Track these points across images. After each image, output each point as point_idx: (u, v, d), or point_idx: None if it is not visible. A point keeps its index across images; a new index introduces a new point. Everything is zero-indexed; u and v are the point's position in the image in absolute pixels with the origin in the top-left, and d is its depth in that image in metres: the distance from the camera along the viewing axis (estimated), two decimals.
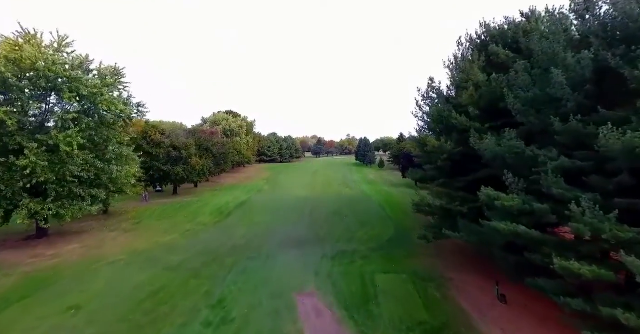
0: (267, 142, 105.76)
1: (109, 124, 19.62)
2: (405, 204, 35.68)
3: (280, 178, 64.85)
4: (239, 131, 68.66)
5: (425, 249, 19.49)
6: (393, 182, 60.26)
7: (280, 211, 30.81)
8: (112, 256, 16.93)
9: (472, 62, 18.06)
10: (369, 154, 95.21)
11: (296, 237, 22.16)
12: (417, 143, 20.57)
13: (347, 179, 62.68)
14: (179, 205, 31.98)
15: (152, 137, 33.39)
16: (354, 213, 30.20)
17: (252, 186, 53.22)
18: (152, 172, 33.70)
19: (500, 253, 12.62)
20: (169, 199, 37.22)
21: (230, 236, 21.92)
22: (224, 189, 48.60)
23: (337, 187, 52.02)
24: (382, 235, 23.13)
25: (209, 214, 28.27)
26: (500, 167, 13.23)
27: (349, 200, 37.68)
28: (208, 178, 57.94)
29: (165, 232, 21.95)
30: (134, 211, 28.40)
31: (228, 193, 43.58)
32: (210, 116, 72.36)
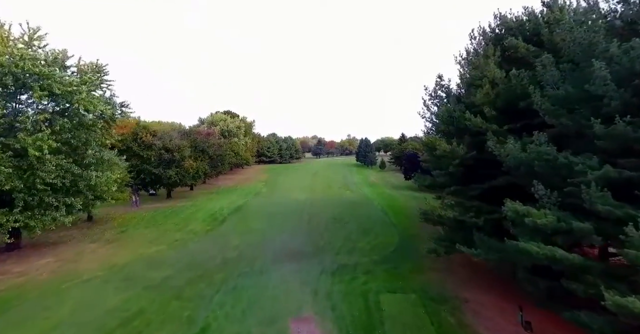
0: (266, 143, 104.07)
1: (88, 126, 17.91)
2: (409, 209, 34.01)
3: (279, 180, 63.16)
4: (237, 131, 66.96)
5: (433, 261, 17.73)
6: (395, 184, 58.51)
7: (277, 216, 29.10)
8: (88, 273, 15.21)
9: (486, 57, 16.34)
10: (369, 154, 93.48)
11: (293, 248, 20.44)
12: (425, 146, 18.90)
13: (347, 181, 60.97)
14: (171, 210, 30.27)
15: (143, 138, 31.70)
16: (355, 219, 28.47)
17: (250, 188, 51.52)
18: (142, 176, 32.01)
19: (527, 276, 10.89)
20: (161, 203, 35.52)
21: (222, 247, 20.21)
22: (220, 192, 46.91)
23: (337, 189, 50.30)
24: (386, 245, 21.41)
25: (202, 220, 26.55)
26: (526, 176, 11.53)
27: (350, 204, 35.96)
28: (205, 180, 56.38)
29: (151, 243, 20.23)
30: (121, 217, 26.69)
31: (224, 196, 41.86)
32: (208, 116, 70.68)
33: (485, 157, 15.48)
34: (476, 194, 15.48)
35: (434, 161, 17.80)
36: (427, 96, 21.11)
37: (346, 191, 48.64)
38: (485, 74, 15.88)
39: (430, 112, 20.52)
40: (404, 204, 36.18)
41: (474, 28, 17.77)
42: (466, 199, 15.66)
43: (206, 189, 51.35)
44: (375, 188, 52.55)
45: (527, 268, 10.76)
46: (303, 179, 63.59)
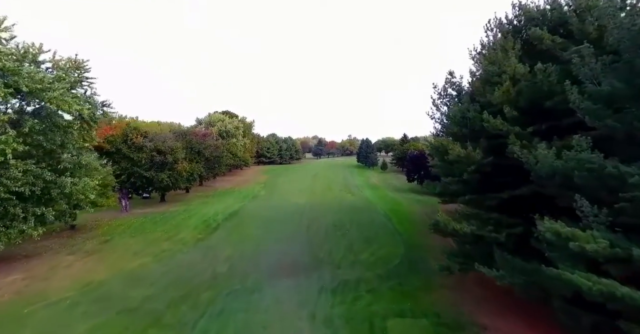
0: (266, 143, 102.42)
1: (64, 127, 16.19)
2: (414, 214, 32.31)
3: (278, 182, 61.46)
4: (236, 132, 65.26)
5: (444, 277, 15.94)
6: (397, 186, 56.75)
7: (275, 223, 27.36)
8: (58, 293, 13.50)
9: (505, 50, 14.60)
10: (371, 155, 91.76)
11: (290, 260, 18.71)
12: (435, 150, 17.14)
13: (348, 183, 59.23)
14: (162, 216, 28.55)
15: (134, 140, 30.01)
16: (357, 226, 26.72)
17: (248, 191, 49.81)
18: (133, 179, 30.31)
19: (566, 306, 9.13)
20: (153, 207, 33.82)
21: (213, 259, 18.48)
22: (217, 195, 45.22)
23: (338, 192, 48.58)
24: (391, 257, 19.66)
25: (193, 228, 24.82)
26: (560, 188, 9.79)
27: (351, 208, 34.21)
28: (202, 182, 54.71)
29: (136, 255, 18.51)
30: (108, 224, 24.97)
31: (220, 200, 40.15)
32: (206, 116, 69.00)
33: (504, 163, 13.76)
34: (494, 205, 13.75)
35: (445, 166, 16.02)
36: (436, 94, 19.41)
37: (347, 193, 46.91)
38: (504, 69, 14.14)
39: (440, 112, 18.80)
40: (407, 209, 34.43)
41: (490, 19, 15.99)
42: (483, 209, 13.91)
43: (203, 191, 49.67)
44: (377, 191, 50.82)
45: (566, 298, 9.00)
46: (303, 181, 61.87)
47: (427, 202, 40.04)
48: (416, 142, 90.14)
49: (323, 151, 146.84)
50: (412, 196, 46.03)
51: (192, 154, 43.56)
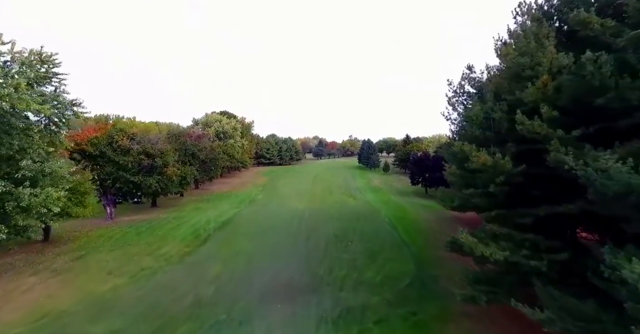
0: (265, 144, 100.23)
1: (22, 129, 13.94)
2: (421, 222, 30.00)
3: (277, 184, 59.18)
4: (233, 133, 63.03)
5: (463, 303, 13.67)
6: (401, 189, 54.46)
7: (271, 233, 25.09)
8: (2, 329, 11.23)
9: (538, 39, 12.30)
10: (372, 156, 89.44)
11: (286, 280, 16.43)
12: (453, 157, 14.87)
13: (349, 186, 56.93)
14: (149, 225, 26.28)
15: (119, 142, 27.75)
16: (359, 236, 24.44)
17: (245, 194, 47.55)
18: (119, 185, 28.06)
19: None
20: (142, 214, 31.57)
21: (198, 279, 16.21)
22: (212, 199, 42.95)
23: (339, 195, 46.31)
24: (399, 275, 17.37)
25: (181, 239, 22.56)
26: (635, 209, 7.50)
27: (354, 215, 31.91)
28: (198, 185, 52.49)
29: (110, 274, 16.25)
30: (86, 235, 22.70)
31: (215, 205, 37.89)
32: (203, 117, 66.78)
33: (540, 173, 11.48)
34: (528, 223, 11.44)
35: (465, 175, 13.70)
36: (451, 92, 17.12)
37: (348, 197, 44.62)
38: (538, 61, 11.85)
39: (457, 112, 16.51)
40: (414, 216, 32.12)
41: (520, 2, 13.66)
42: (514, 228, 11.59)
43: (198, 195, 47.43)
44: (380, 194, 48.53)
45: None
46: (302, 184, 59.61)
47: (434, 208, 37.77)
48: (419, 143, 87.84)
49: (324, 152, 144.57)
50: (417, 201, 43.76)
51: (186, 156, 41.37)
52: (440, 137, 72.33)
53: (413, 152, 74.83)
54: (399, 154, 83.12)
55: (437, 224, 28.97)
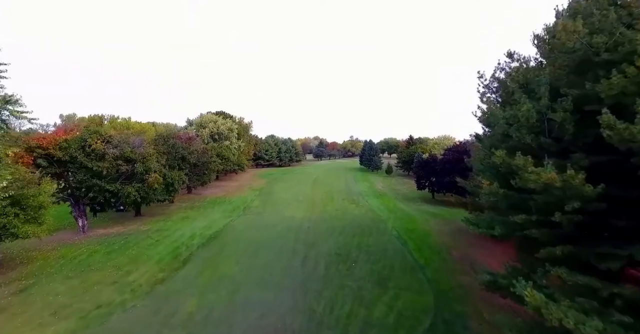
0: (264, 145, 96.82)
1: None
2: (434, 236, 26.51)
3: (275, 188, 55.76)
4: (229, 134, 59.64)
5: None
6: (406, 194, 51.04)
7: (263, 251, 21.71)
8: None
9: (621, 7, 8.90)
10: (374, 158, 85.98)
11: (275, 322, 13.03)
12: (491, 170, 11.49)
13: (351, 190, 53.50)
14: (124, 241, 22.90)
15: (93, 146, 24.37)
16: (365, 255, 21.05)
17: (240, 200, 44.17)
18: (92, 194, 24.68)
19: None
20: (121, 225, 28.20)
21: (164, 322, 12.83)
22: (203, 206, 39.59)
23: (340, 202, 42.91)
24: (417, 312, 13.96)
25: (157, 261, 19.19)
26: None
27: (357, 226, 28.51)
28: (190, 190, 49.15)
29: (54, 316, 12.85)
30: (45, 256, 19.28)
31: (205, 214, 34.54)
32: (197, 117, 63.38)
33: (628, 197, 8.14)
34: (616, 268, 8.05)
35: (512, 195, 10.25)
36: (483, 87, 13.71)
37: (351, 204, 41.21)
38: (622, 39, 8.48)
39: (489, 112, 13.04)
40: (424, 228, 28.67)
41: None
42: (594, 275, 8.19)
43: (190, 200, 44.09)
44: (385, 200, 45.10)
45: None
46: (302, 188, 56.23)
47: (444, 217, 34.40)
48: (423, 145, 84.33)
49: (324, 153, 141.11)
50: (425, 208, 40.34)
51: (175, 160, 38.02)
52: (446, 139, 68.76)
53: (417, 153, 71.37)
54: (402, 155, 79.67)
55: (451, 238, 25.55)
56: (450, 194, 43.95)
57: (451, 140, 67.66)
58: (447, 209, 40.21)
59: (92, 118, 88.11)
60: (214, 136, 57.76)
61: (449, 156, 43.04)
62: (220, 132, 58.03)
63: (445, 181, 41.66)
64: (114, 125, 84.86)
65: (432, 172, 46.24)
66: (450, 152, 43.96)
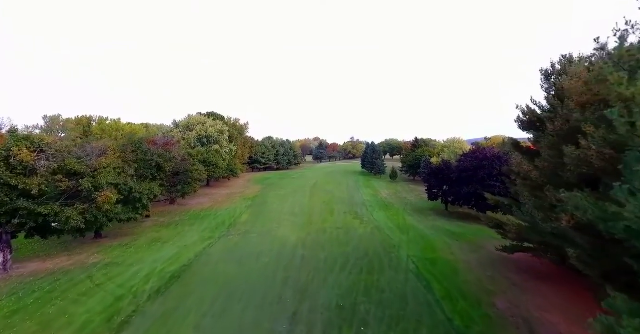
0: (261, 148, 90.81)
1: None
2: (463, 271, 19.82)
3: (269, 197, 49.73)
4: (219, 137, 53.64)
5: None
6: (416, 205, 44.92)
7: (238, 301, 15.72)
8: None
9: None
10: (377, 161, 79.89)
11: None
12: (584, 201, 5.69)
13: (354, 200, 47.39)
14: (49, 287, 16.77)
15: (18, 157, 18.39)
16: (378, 309, 15.05)
17: (227, 213, 38.17)
18: (18, 219, 18.69)
19: None
20: (65, 256, 22.21)
21: None
22: (182, 222, 33.61)
23: (341, 216, 36.88)
24: None
25: (77, 329, 13.15)
26: None
27: (364, 257, 22.49)
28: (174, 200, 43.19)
29: None
30: None
31: (181, 234, 28.59)
32: (185, 118, 57.39)
33: None
34: None
35: None
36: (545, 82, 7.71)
37: (354, 219, 35.16)
38: None
39: None
40: (448, 257, 22.56)
41: None
42: None
43: (170, 214, 38.14)
44: (392, 213, 39.03)
45: None
46: (299, 196, 50.20)
47: (468, 238, 28.27)
48: (430, 148, 78.25)
49: (324, 155, 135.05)
50: (441, 224, 34.29)
51: (149, 169, 32.07)
52: (456, 142, 62.64)
53: (425, 158, 65.30)
54: (407, 159, 73.63)
55: (485, 274, 19.47)
56: (470, 207, 37.91)
57: (461, 143, 61.53)
58: (466, 225, 34.23)
59: (79, 119, 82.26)
60: (202, 140, 51.77)
61: (467, 163, 37.00)
62: (209, 135, 52.02)
63: (464, 192, 35.64)
64: (103, 127, 79.35)
65: (445, 180, 40.27)
66: (468, 159, 37.90)
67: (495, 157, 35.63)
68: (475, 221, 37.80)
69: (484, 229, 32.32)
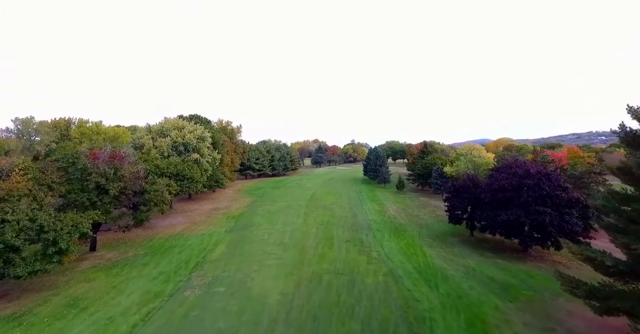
0: (254, 153, 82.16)
1: None
2: None
3: (256, 217, 41.07)
4: (199, 144, 45.03)
5: None
6: (432, 227, 36.23)
7: None
8: None
9: None
10: (381, 169, 71.20)
11: None
12: None
13: (357, 221, 38.63)
14: None
15: None
16: None
17: (199, 244, 29.57)
18: None
19: None
20: None
21: None
22: (130, 263, 24.97)
23: (343, 247, 28.33)
24: None
25: None
26: None
27: None
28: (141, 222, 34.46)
29: None
30: None
31: (117, 289, 20.02)
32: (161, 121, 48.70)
33: None
34: None
35: None
36: None
37: (360, 255, 26.55)
38: None
39: None
40: None
41: None
42: None
43: (126, 243, 29.58)
44: (407, 241, 30.39)
45: None
46: (292, 215, 41.56)
47: (523, 295, 19.15)
48: (440, 154, 69.57)
49: (323, 159, 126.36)
50: (475, 264, 25.52)
51: (86, 193, 23.55)
52: (474, 149, 53.87)
53: (437, 167, 56.63)
54: (415, 167, 64.88)
55: None
56: (491, 232, 29.40)
57: (479, 150, 52.79)
58: (508, 265, 25.54)
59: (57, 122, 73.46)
60: (179, 148, 43.13)
61: (504, 180, 28.35)
62: (187, 143, 43.38)
63: (502, 219, 27.01)
64: (83, 130, 70.39)
65: (472, 201, 31.75)
66: (503, 175, 29.26)
67: (543, 175, 27.04)
68: (512, 254, 29.20)
69: (533, 273, 23.81)
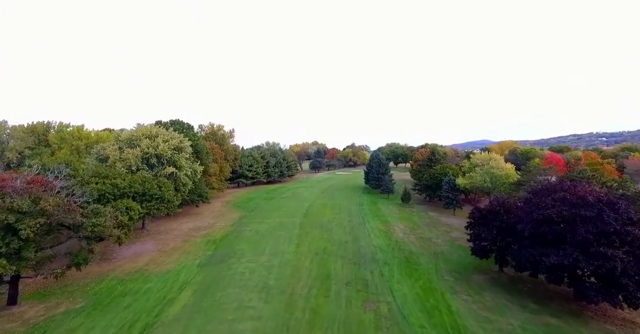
0: (247, 160, 75.15)
1: None
2: None
3: (241, 241, 34.09)
4: (175, 156, 37.98)
5: None
6: (451, 259, 29.16)
7: None
8: None
9: None
10: (384, 177, 64.19)
11: None
12: None
13: (360, 250, 31.49)
14: None
15: None
16: None
17: (157, 291, 22.62)
18: None
19: None
20: None
21: None
22: (58, 328, 18.06)
23: (342, 296, 21.45)
24: None
25: None
26: None
27: None
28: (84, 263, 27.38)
29: None
30: None
31: None
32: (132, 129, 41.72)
33: None
34: None
35: None
36: None
37: (363, 310, 19.61)
38: None
39: None
40: None
41: None
42: None
43: (61, 289, 22.68)
44: (423, 283, 23.27)
45: None
46: (283, 238, 34.63)
47: None
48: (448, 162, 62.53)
49: (322, 164, 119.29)
50: (521, 324, 18.34)
51: None
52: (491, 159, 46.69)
53: (449, 178, 49.62)
54: (423, 177, 57.80)
55: None
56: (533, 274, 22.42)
57: (497, 160, 45.67)
58: (563, 325, 18.74)
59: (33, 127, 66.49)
60: (150, 160, 36.09)
61: (550, 209, 21.32)
62: (160, 154, 36.33)
63: (552, 262, 19.94)
64: (63, 135, 63.26)
65: (505, 230, 24.86)
66: (549, 200, 22.17)
67: (605, 203, 20.05)
68: (564, 304, 21.85)
69: None
